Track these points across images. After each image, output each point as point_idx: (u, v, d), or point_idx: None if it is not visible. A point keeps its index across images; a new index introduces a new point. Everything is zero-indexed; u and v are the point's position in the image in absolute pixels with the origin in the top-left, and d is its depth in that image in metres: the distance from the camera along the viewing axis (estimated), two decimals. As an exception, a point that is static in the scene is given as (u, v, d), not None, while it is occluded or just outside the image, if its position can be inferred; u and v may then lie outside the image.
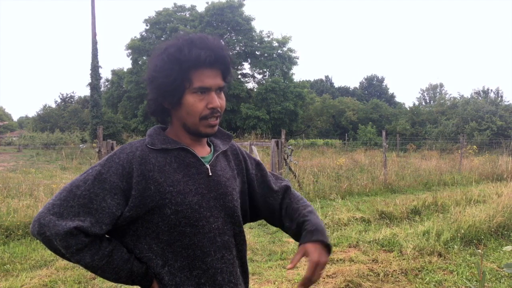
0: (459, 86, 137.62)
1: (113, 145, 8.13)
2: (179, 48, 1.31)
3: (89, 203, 1.26)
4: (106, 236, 1.35)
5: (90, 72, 33.64)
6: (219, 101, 1.37)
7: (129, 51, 39.31)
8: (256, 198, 1.60)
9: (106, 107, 39.62)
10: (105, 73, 79.45)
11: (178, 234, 1.32)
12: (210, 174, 1.41)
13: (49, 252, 5.57)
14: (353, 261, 5.16)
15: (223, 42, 1.41)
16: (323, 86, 64.28)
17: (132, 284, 1.35)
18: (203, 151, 1.46)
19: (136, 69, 38.14)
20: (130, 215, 1.30)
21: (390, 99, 62.79)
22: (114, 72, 44.68)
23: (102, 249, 1.28)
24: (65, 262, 5.19)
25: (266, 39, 39.45)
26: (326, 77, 70.00)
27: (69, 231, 1.22)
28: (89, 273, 4.86)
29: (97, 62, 33.59)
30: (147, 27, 40.15)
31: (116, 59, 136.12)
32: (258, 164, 1.67)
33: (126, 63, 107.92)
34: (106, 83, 47.83)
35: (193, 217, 1.33)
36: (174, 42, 1.35)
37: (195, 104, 1.34)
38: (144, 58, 38.59)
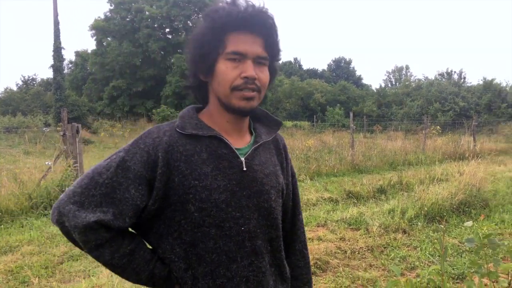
0: (424, 68, 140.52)
1: (78, 128, 7.97)
2: (216, 8, 1.17)
3: (112, 193, 1.12)
4: (132, 231, 1.22)
5: (52, 53, 32.36)
6: (258, 73, 1.19)
7: (93, 31, 38.12)
8: None
9: (70, 90, 38.32)
10: (69, 55, 76.82)
11: (202, 235, 1.17)
12: (245, 169, 1.22)
13: (14, 237, 5.44)
14: (321, 239, 5.27)
15: (268, 9, 1.20)
16: (291, 68, 64.27)
17: (153, 286, 1.21)
18: (241, 141, 1.28)
19: (100, 51, 37.04)
20: (154, 208, 1.16)
21: (357, 81, 63.46)
22: (78, 54, 43.33)
23: (124, 246, 1.15)
24: (31, 247, 5.08)
25: (234, 20, 39.02)
26: (295, 59, 70.02)
27: (89, 225, 1.09)
28: (56, 257, 4.78)
29: (60, 43, 32.28)
30: (112, 7, 38.85)
31: (80, 40, 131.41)
32: (294, 173, 1.51)
33: (90, 45, 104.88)
34: (70, 65, 46.40)
35: (219, 217, 1.17)
36: (216, 4, 1.20)
37: (226, 71, 1.16)
38: (109, 39, 37.49)
